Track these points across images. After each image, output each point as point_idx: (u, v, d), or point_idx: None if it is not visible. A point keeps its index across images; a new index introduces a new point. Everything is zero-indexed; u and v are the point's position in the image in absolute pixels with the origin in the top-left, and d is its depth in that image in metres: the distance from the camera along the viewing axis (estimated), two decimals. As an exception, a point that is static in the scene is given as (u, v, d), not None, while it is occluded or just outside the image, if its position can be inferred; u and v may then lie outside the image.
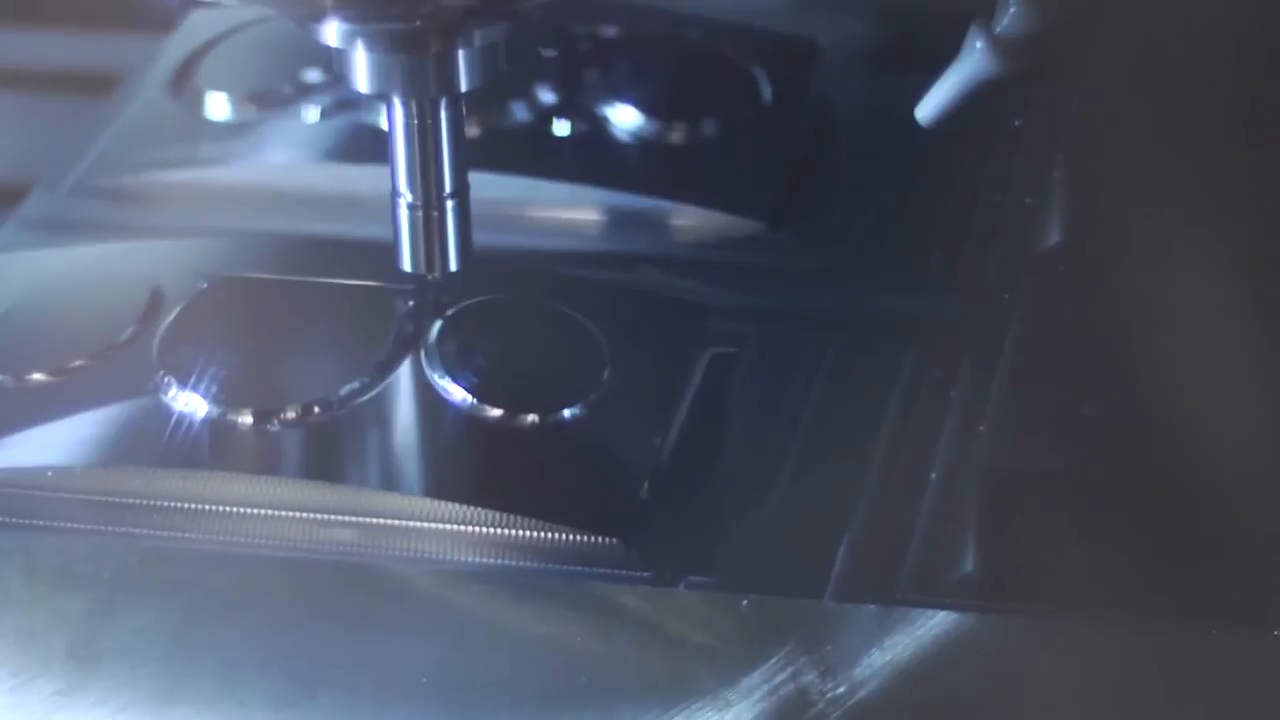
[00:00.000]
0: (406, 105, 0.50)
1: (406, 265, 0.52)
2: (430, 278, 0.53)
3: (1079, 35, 0.59)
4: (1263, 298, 0.56)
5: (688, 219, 0.60)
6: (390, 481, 0.51)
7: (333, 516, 0.50)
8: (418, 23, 0.48)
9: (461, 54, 0.49)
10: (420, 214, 0.51)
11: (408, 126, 0.50)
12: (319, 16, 0.48)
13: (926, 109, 0.59)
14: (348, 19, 0.48)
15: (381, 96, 0.51)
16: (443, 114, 0.50)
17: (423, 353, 0.53)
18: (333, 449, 0.51)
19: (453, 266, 0.52)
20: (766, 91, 0.64)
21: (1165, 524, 0.50)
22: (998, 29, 0.57)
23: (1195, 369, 0.53)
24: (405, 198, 0.51)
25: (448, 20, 0.48)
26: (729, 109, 0.63)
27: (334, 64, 0.50)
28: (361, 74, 0.50)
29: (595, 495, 0.51)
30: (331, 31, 0.49)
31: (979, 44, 0.57)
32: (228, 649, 0.51)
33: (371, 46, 0.49)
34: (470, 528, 0.50)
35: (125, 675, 0.51)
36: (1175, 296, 0.56)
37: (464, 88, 0.50)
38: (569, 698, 0.50)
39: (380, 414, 0.52)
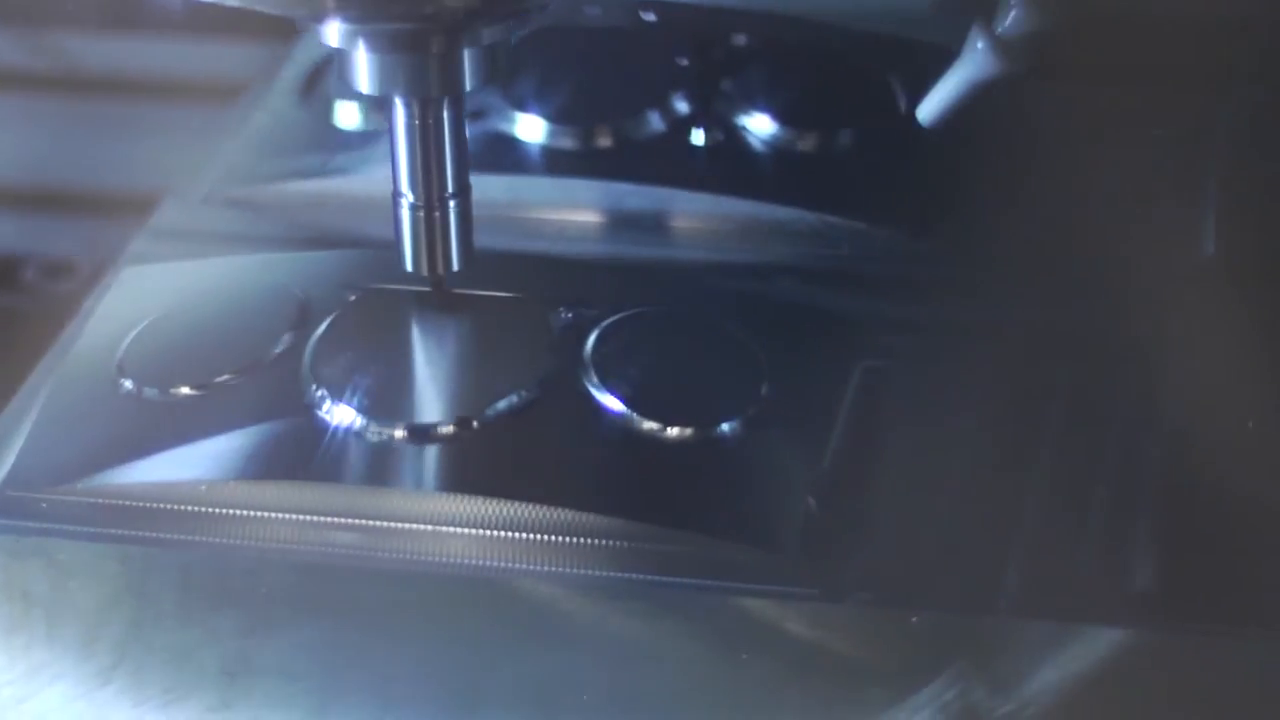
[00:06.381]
0: (408, 105, 0.50)
1: (408, 266, 0.52)
2: (431, 278, 0.53)
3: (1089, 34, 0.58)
4: None
5: (827, 229, 0.60)
6: (549, 495, 0.50)
7: (489, 532, 0.50)
8: (420, 23, 0.48)
9: (463, 54, 0.49)
10: (421, 214, 0.51)
11: (409, 127, 0.50)
12: (320, 17, 0.48)
13: (928, 109, 0.58)
14: (349, 20, 0.48)
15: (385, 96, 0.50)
16: (445, 114, 0.50)
17: (579, 365, 0.52)
18: (489, 463, 0.51)
19: (454, 267, 0.52)
20: (903, 100, 0.63)
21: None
22: (999, 29, 0.57)
23: None
24: (406, 198, 0.51)
25: (449, 20, 0.48)
26: (866, 118, 0.62)
27: (337, 65, 0.50)
28: (363, 74, 0.49)
29: (760, 510, 0.50)
30: (333, 32, 0.48)
31: (980, 44, 0.57)
32: (383, 665, 0.50)
33: (373, 47, 0.49)
34: (632, 544, 0.49)
35: (279, 692, 0.50)
36: None
37: (466, 88, 0.50)
38: (733, 716, 0.49)
39: (536, 427, 0.51)
